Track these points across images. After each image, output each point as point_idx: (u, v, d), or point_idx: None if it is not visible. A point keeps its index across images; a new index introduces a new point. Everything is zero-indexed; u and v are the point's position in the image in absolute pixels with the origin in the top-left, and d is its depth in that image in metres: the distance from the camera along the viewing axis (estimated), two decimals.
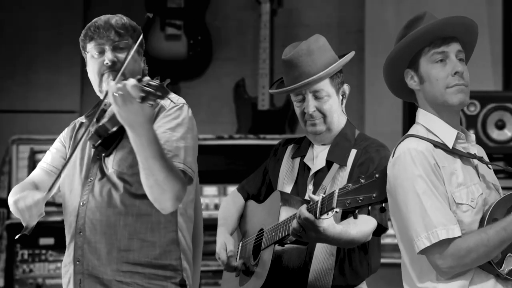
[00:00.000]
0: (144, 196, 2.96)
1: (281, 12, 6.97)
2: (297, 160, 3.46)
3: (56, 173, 3.14)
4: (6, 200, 3.21)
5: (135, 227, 3.01)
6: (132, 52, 3.01)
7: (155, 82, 2.75)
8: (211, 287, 5.90)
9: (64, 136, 3.27)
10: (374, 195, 2.70)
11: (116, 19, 3.12)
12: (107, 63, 3.06)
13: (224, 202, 3.72)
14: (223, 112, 7.05)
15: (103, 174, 3.04)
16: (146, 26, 6.90)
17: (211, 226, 5.74)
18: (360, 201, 2.72)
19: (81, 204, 3.04)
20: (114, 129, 3.04)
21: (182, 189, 2.93)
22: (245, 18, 7.09)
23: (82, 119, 3.24)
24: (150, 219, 3.01)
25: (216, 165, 6.09)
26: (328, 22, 6.97)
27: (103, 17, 3.13)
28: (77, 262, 3.03)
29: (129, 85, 2.77)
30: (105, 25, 3.09)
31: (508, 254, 2.86)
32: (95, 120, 3.10)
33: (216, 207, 5.98)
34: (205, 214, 5.93)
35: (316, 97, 3.35)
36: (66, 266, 3.09)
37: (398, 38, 3.01)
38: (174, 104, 3.04)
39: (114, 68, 3.06)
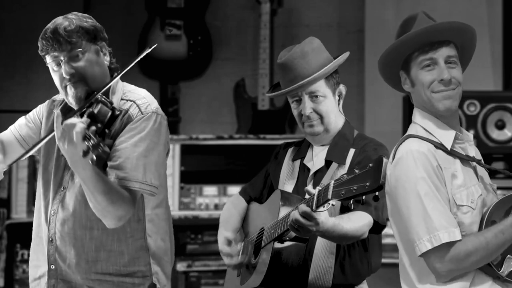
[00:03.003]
0: None
1: (281, 12, 6.95)
2: (297, 162, 3.48)
3: (24, 147, 3.15)
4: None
5: (101, 239, 3.03)
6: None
7: (97, 140, 2.70)
8: (211, 287, 5.89)
9: (41, 112, 3.24)
10: (368, 184, 2.67)
11: (64, 26, 3.03)
12: (65, 77, 3.01)
13: (225, 206, 3.72)
14: (223, 112, 7.04)
15: (74, 183, 3.02)
16: (146, 26, 6.90)
17: (211, 226, 5.79)
18: (354, 191, 2.71)
19: (52, 213, 3.06)
20: None
21: (126, 213, 2.92)
22: (245, 18, 7.08)
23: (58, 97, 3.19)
24: (116, 230, 3.01)
25: (216, 165, 6.09)
26: (328, 22, 6.96)
27: (51, 26, 3.05)
28: (52, 267, 3.06)
29: (75, 131, 2.73)
30: (54, 36, 3.01)
31: (508, 256, 2.85)
32: None
33: (216, 207, 5.98)
34: (205, 214, 5.99)
35: (312, 98, 3.36)
36: (40, 267, 3.10)
37: (395, 37, 3.01)
38: (141, 115, 3.00)
39: (74, 79, 3.00)
